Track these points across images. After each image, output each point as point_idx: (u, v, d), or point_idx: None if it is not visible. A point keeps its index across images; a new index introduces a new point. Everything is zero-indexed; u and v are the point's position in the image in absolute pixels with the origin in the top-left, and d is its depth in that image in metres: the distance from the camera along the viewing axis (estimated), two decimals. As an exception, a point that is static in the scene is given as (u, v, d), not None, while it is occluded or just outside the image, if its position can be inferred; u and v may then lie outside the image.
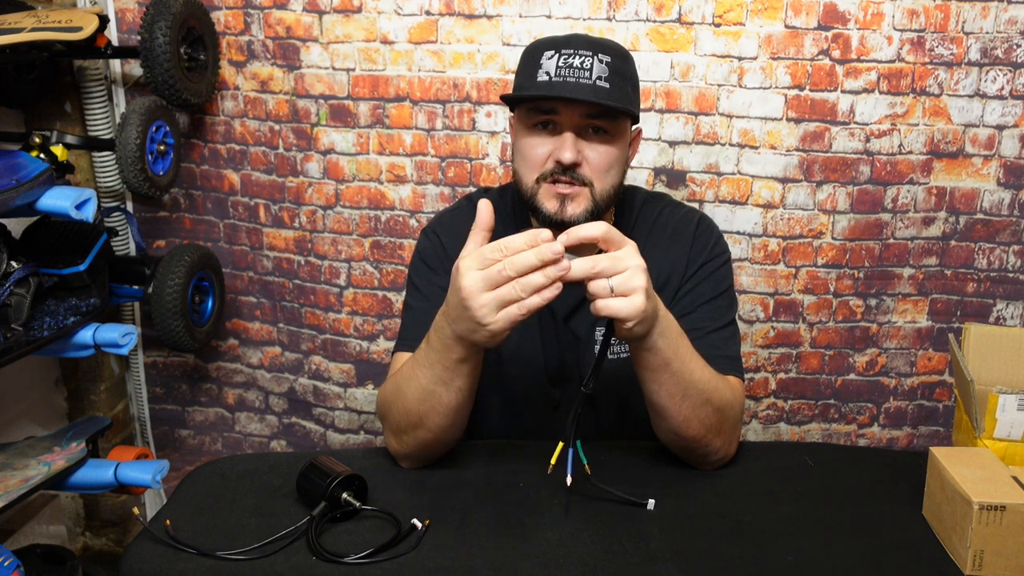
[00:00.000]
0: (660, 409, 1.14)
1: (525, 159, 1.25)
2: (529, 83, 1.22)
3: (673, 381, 1.11)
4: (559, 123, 1.21)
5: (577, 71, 1.19)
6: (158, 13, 1.71)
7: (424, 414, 1.14)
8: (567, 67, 1.19)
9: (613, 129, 1.23)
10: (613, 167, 1.24)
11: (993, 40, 1.72)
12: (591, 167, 1.22)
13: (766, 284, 1.90)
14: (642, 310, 1.00)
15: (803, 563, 1.00)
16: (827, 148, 1.80)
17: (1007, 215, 1.83)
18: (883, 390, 1.97)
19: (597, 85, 1.19)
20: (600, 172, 1.23)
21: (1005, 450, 1.12)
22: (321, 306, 2.04)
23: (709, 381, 1.15)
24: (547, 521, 1.07)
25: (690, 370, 1.12)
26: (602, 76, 1.19)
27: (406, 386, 1.15)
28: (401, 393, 1.16)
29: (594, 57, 1.19)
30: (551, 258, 0.96)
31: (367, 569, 0.97)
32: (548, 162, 1.22)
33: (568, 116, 1.20)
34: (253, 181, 2.02)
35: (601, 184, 1.23)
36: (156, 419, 2.24)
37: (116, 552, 2.21)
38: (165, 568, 0.98)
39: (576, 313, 1.34)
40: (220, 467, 1.21)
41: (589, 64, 1.19)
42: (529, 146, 1.24)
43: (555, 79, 1.19)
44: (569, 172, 1.21)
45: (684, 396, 1.12)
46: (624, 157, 1.28)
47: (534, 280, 0.96)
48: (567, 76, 1.19)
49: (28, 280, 1.59)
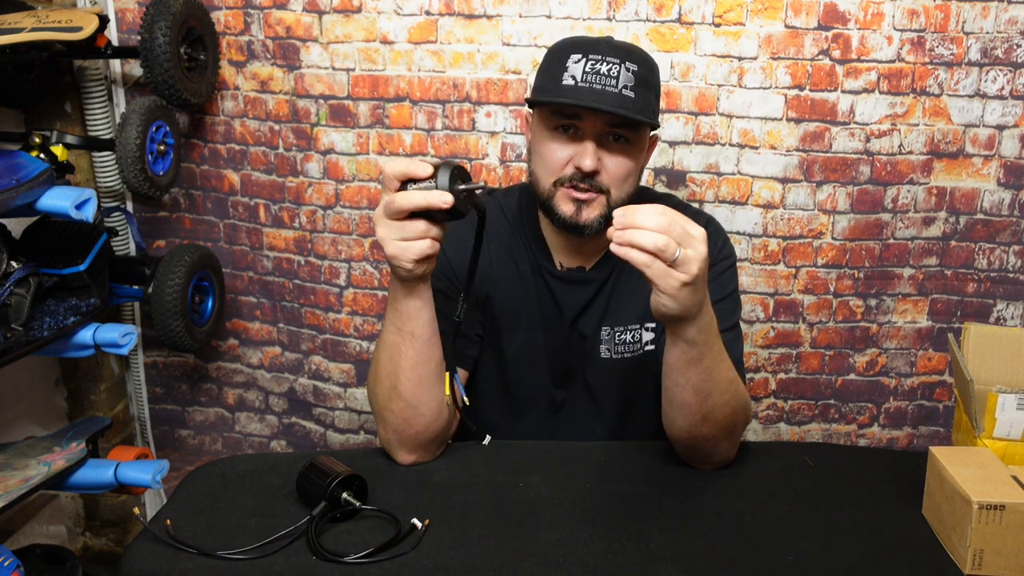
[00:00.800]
0: (681, 405, 1.13)
1: (544, 161, 1.25)
2: (553, 85, 1.21)
3: (701, 378, 1.10)
4: (581, 128, 1.21)
5: (604, 78, 1.18)
6: (158, 13, 1.71)
7: (392, 374, 1.15)
8: (594, 73, 1.18)
9: (634, 138, 1.23)
10: (631, 175, 1.24)
11: (993, 40, 1.72)
12: (609, 175, 1.22)
13: (766, 284, 1.90)
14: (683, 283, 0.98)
15: (803, 563, 1.00)
16: (827, 148, 1.80)
17: (1007, 215, 1.83)
18: (883, 390, 1.97)
19: (623, 94, 1.18)
20: (618, 181, 1.23)
21: (1005, 450, 1.12)
22: (321, 306, 2.04)
23: (732, 382, 1.15)
24: (547, 521, 1.07)
25: (720, 369, 1.12)
26: (628, 85, 1.18)
27: (376, 351, 1.18)
28: (375, 359, 1.19)
29: (621, 65, 1.19)
30: (439, 203, 1.00)
31: (367, 569, 0.97)
32: (567, 167, 1.22)
33: (591, 123, 1.20)
34: (253, 181, 2.02)
35: (618, 192, 1.23)
36: (156, 419, 2.24)
37: (116, 552, 2.21)
38: (165, 568, 0.98)
39: (584, 314, 1.34)
40: (220, 467, 1.21)
41: (616, 72, 1.18)
42: (549, 150, 1.24)
43: (581, 84, 1.18)
44: (587, 179, 1.21)
45: (709, 394, 1.12)
46: (641, 165, 1.28)
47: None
48: (593, 83, 1.18)
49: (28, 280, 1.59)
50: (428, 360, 1.15)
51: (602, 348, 1.34)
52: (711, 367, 1.10)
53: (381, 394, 1.18)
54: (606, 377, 1.34)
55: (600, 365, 1.34)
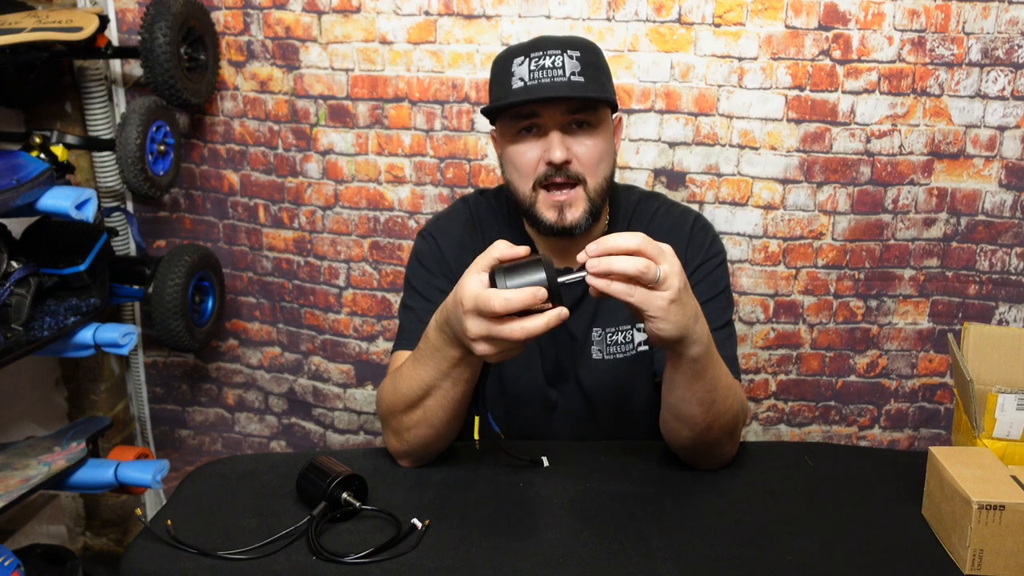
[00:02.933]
0: (687, 418, 1.13)
1: (516, 167, 1.25)
2: (505, 92, 1.23)
3: (707, 389, 1.10)
4: (542, 125, 1.22)
5: (550, 71, 1.20)
6: (158, 13, 1.71)
7: (428, 408, 1.14)
8: (539, 69, 1.20)
9: (596, 120, 1.23)
10: (603, 159, 1.25)
11: (994, 40, 1.72)
12: (582, 162, 1.23)
13: (766, 285, 1.90)
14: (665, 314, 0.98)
15: (803, 563, 1.00)
16: (827, 149, 1.80)
17: (1009, 216, 1.82)
18: (884, 392, 1.96)
19: (572, 80, 1.20)
20: (591, 166, 1.23)
21: (1004, 450, 1.12)
22: (320, 307, 2.04)
23: (731, 387, 1.15)
24: (547, 521, 1.07)
25: (720, 376, 1.12)
26: (575, 71, 1.20)
27: (406, 384, 1.15)
28: (402, 390, 1.16)
29: (563, 54, 1.20)
30: (558, 323, 0.96)
31: (367, 569, 0.97)
32: (540, 165, 1.23)
33: (550, 116, 1.21)
34: (252, 181, 2.03)
35: (594, 178, 1.24)
36: (156, 419, 2.24)
37: (116, 552, 2.21)
38: (165, 568, 0.98)
39: (573, 314, 1.34)
40: (220, 467, 1.21)
41: (560, 62, 1.20)
42: (517, 154, 1.24)
43: (530, 83, 1.20)
44: (562, 171, 1.22)
45: (713, 403, 1.11)
46: (611, 147, 1.28)
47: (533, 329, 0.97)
48: (541, 78, 1.20)
49: (28, 280, 1.59)
50: (469, 395, 1.15)
51: (593, 349, 1.34)
52: (714, 377, 1.10)
53: (406, 421, 1.17)
54: (599, 377, 1.35)
55: (592, 366, 1.34)
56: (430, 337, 1.11)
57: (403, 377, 1.17)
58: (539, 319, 0.96)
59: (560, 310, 0.96)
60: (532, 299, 0.96)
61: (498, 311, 0.96)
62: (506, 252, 1.02)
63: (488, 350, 1.00)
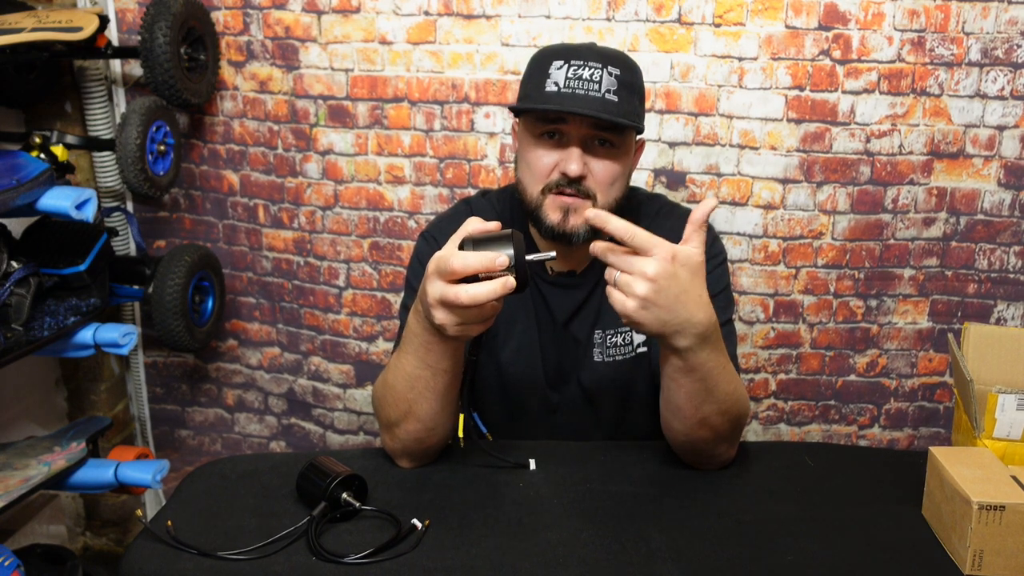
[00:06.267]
0: (676, 408, 1.13)
1: (531, 169, 1.25)
2: (537, 92, 1.22)
3: (696, 387, 1.10)
4: (566, 133, 1.21)
5: (587, 83, 1.19)
6: (158, 13, 1.71)
7: (412, 400, 1.14)
8: (576, 79, 1.19)
9: (619, 142, 1.23)
10: (617, 180, 1.24)
11: (994, 40, 1.72)
12: (596, 180, 1.22)
13: (766, 285, 1.90)
14: (630, 313, 1.01)
15: (803, 563, 1.00)
16: (827, 149, 1.80)
17: (1008, 216, 1.82)
18: (884, 391, 1.97)
19: (606, 99, 1.19)
20: (604, 185, 1.23)
21: (1004, 450, 1.12)
22: (320, 307, 2.04)
23: (732, 394, 1.14)
24: (547, 521, 1.07)
25: (717, 377, 1.10)
26: (611, 89, 1.19)
27: (393, 375, 1.16)
28: (389, 383, 1.17)
29: (604, 69, 1.19)
30: (504, 292, 0.97)
31: (367, 569, 0.97)
32: (553, 173, 1.23)
33: (576, 128, 1.20)
34: (252, 181, 2.03)
35: (604, 197, 1.23)
36: (156, 419, 2.24)
37: (116, 552, 2.21)
38: (165, 568, 0.98)
39: (575, 317, 1.34)
40: (220, 467, 1.21)
41: (599, 76, 1.19)
42: (535, 156, 1.24)
43: (564, 90, 1.19)
44: (574, 184, 1.21)
45: (703, 402, 1.11)
46: (628, 170, 1.28)
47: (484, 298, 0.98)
48: (576, 88, 1.19)
49: (28, 280, 1.59)
50: (453, 388, 1.15)
51: (595, 351, 1.34)
52: (710, 374, 1.09)
53: (394, 415, 1.17)
54: (600, 380, 1.35)
55: (593, 368, 1.34)
56: (410, 324, 1.11)
57: (390, 370, 1.17)
58: (485, 284, 0.97)
59: (506, 279, 0.97)
60: (490, 263, 0.97)
61: (456, 270, 0.97)
62: (478, 227, 1.03)
63: (445, 319, 1.00)
